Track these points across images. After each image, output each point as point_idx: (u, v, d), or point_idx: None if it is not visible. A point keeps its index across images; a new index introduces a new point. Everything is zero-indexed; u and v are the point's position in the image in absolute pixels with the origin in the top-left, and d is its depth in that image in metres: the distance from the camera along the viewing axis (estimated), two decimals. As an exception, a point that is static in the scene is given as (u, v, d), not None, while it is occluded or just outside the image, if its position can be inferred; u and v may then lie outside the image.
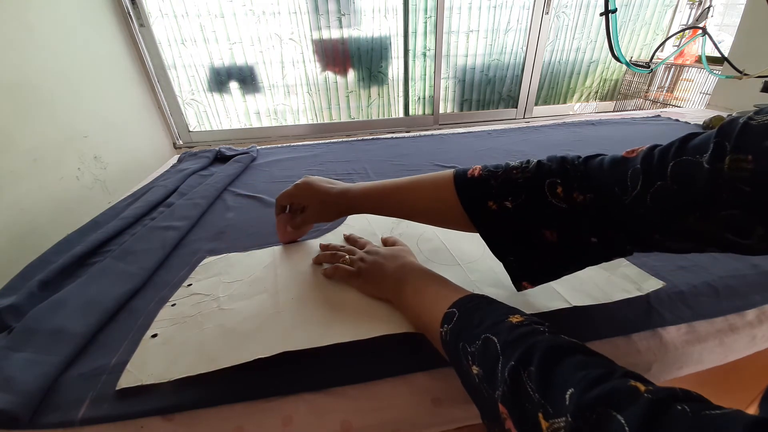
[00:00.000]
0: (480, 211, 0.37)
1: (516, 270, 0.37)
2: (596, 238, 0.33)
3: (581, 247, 0.34)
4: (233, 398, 0.35)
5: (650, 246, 0.31)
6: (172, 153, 1.65)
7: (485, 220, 0.37)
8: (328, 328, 0.39)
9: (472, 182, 0.38)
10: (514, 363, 0.24)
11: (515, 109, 2.01)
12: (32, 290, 0.47)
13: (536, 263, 0.37)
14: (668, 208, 0.27)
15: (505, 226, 0.36)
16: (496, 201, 0.36)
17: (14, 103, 0.87)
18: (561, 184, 0.33)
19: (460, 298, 0.34)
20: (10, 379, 0.34)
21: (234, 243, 0.60)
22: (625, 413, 0.18)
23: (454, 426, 0.37)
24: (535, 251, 0.36)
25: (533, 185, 0.35)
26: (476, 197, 0.37)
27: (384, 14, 1.67)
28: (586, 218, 0.33)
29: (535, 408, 0.22)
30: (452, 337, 0.31)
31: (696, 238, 0.27)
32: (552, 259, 0.36)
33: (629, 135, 1.10)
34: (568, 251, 0.35)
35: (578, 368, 0.22)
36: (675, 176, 0.26)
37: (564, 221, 0.34)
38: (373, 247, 0.49)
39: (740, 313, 0.44)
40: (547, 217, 0.34)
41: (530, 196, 0.35)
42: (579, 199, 0.33)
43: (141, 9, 1.43)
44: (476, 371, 0.27)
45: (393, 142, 1.12)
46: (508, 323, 0.28)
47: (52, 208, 0.93)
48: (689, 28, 1.79)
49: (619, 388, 0.19)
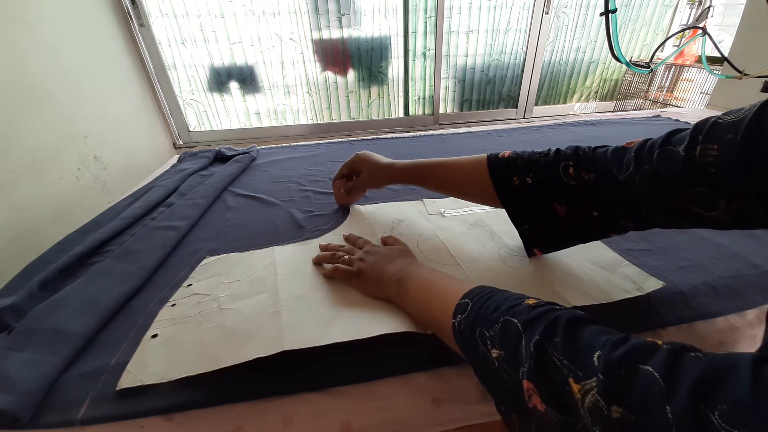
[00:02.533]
0: (505, 185, 0.46)
1: (529, 237, 0.48)
2: (597, 212, 0.40)
3: (585, 220, 0.42)
4: (233, 398, 0.35)
5: (638, 219, 0.38)
6: (172, 153, 1.65)
7: (508, 193, 0.46)
8: (328, 327, 0.39)
9: (502, 161, 0.47)
10: (539, 337, 0.25)
11: (515, 109, 2.01)
12: (32, 290, 0.47)
13: (547, 233, 0.46)
14: (652, 184, 0.34)
15: (524, 199, 0.45)
16: (519, 177, 0.44)
17: (14, 103, 0.87)
18: (573, 166, 0.41)
19: (469, 289, 0.34)
20: (10, 379, 0.34)
21: (234, 243, 0.60)
22: (651, 363, 0.20)
23: (454, 426, 0.37)
24: (547, 222, 0.44)
25: (551, 165, 0.43)
26: (503, 173, 0.46)
27: (384, 14, 1.67)
28: (590, 194, 0.40)
29: (564, 375, 0.23)
30: (467, 326, 0.31)
31: (673, 212, 0.34)
32: (560, 230, 0.44)
33: (629, 135, 1.10)
34: (574, 223, 0.43)
35: (600, 334, 0.24)
36: (659, 161, 0.33)
37: (572, 196, 0.41)
38: (372, 247, 0.49)
39: (740, 313, 0.44)
40: (559, 193, 0.42)
41: (547, 174, 0.43)
42: (585, 178, 0.40)
43: (141, 9, 1.43)
44: (496, 354, 0.28)
45: (393, 142, 1.12)
46: (525, 305, 0.29)
47: (52, 208, 0.93)
48: (689, 28, 1.79)
49: (640, 344, 0.22)
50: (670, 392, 0.19)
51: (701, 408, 0.17)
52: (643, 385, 0.20)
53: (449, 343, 0.34)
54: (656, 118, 1.26)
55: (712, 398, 0.17)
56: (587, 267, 0.48)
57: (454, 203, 0.68)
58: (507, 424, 0.29)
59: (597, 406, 0.21)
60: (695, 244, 0.53)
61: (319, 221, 0.65)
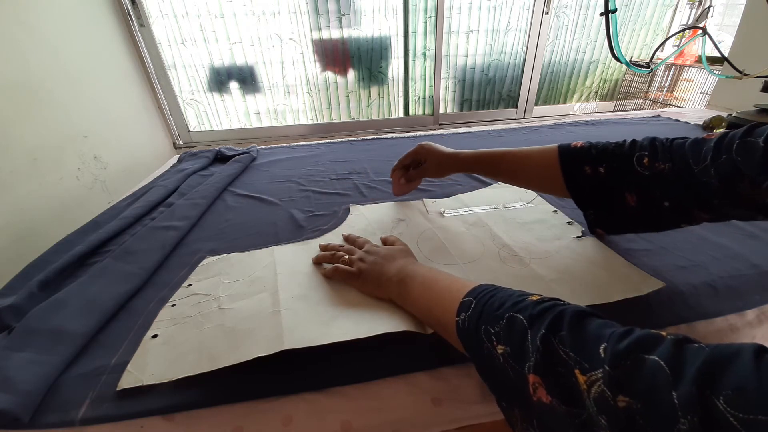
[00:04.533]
0: (575, 174, 0.47)
1: (593, 220, 0.51)
2: (668, 202, 0.41)
3: (655, 210, 0.42)
4: (233, 398, 0.35)
5: (711, 210, 0.39)
6: (172, 153, 1.65)
7: (578, 182, 0.47)
8: (328, 327, 0.39)
9: (574, 150, 0.48)
10: (545, 331, 0.25)
11: (515, 109, 2.01)
12: (32, 290, 0.47)
13: (613, 219, 0.48)
14: (728, 175, 0.34)
15: (594, 188, 0.46)
16: (591, 166, 0.46)
17: (14, 103, 0.87)
18: (648, 156, 0.42)
19: (472, 287, 0.34)
20: (10, 379, 0.34)
21: (234, 243, 0.60)
22: (656, 352, 0.21)
23: (454, 426, 0.37)
24: (615, 210, 0.46)
25: (626, 155, 0.44)
26: (575, 163, 0.47)
27: (384, 14, 1.67)
28: (662, 184, 0.41)
29: (571, 367, 0.23)
30: (471, 323, 0.31)
31: (748, 204, 0.35)
32: (628, 218, 0.46)
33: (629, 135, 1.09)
34: (643, 213, 0.44)
35: (605, 327, 0.24)
36: (738, 151, 0.34)
37: (644, 186, 0.42)
38: (372, 247, 0.49)
39: (740, 313, 0.44)
40: (631, 183, 0.43)
41: (621, 164, 0.44)
42: (660, 168, 0.41)
43: (141, 9, 1.43)
44: (501, 350, 0.28)
45: (393, 142, 1.12)
46: (529, 301, 0.29)
47: (52, 208, 0.93)
48: (689, 28, 1.79)
49: (645, 335, 0.22)
50: (676, 379, 0.19)
51: (707, 393, 0.18)
52: (650, 374, 0.20)
53: (452, 341, 0.34)
54: (656, 118, 1.26)
55: (717, 384, 0.18)
56: (587, 267, 0.48)
57: (454, 203, 0.68)
58: (508, 419, 0.29)
59: (603, 397, 0.21)
60: (695, 244, 0.53)
61: (319, 221, 0.65)
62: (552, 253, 0.51)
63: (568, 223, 0.59)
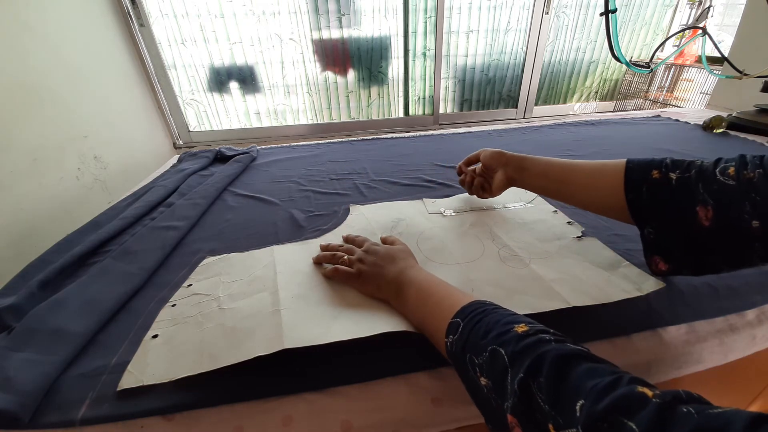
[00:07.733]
0: (637, 179, 0.40)
1: (650, 241, 0.40)
2: (758, 221, 0.31)
3: (739, 231, 0.33)
4: (233, 398, 0.35)
5: None
6: (172, 153, 1.65)
7: (639, 188, 0.40)
8: (328, 326, 0.39)
9: (644, 160, 0.41)
10: (523, 375, 0.24)
11: (515, 109, 2.01)
12: (32, 290, 0.47)
13: (678, 241, 0.37)
14: None
15: (658, 196, 0.38)
16: (661, 171, 0.39)
17: (14, 103, 0.87)
18: (734, 166, 0.34)
19: (462, 307, 0.34)
20: (10, 379, 0.34)
21: (234, 243, 0.60)
22: (636, 419, 0.19)
23: (454, 426, 0.38)
24: (681, 228, 0.37)
25: (706, 166, 0.37)
26: (641, 171, 0.40)
27: (384, 14, 1.67)
28: (750, 196, 0.32)
29: (546, 419, 0.22)
30: (458, 348, 0.31)
31: None
32: (698, 241, 0.36)
33: (629, 135, 1.10)
34: (721, 235, 0.34)
35: (587, 377, 0.22)
36: None
37: (725, 197, 0.34)
38: (371, 246, 0.49)
39: (740, 313, 0.44)
40: (708, 193, 0.35)
41: (700, 172, 0.36)
42: (749, 176, 0.33)
43: (141, 9, 1.43)
44: (485, 383, 0.28)
45: (393, 142, 1.12)
46: (514, 333, 0.28)
47: (52, 208, 0.93)
48: (689, 28, 1.79)
49: (627, 395, 0.20)
50: None
51: None
52: None
53: (443, 356, 0.34)
54: (656, 118, 1.26)
55: None
56: (587, 267, 0.48)
57: (455, 203, 0.68)
58: None
59: None
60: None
61: (319, 221, 0.65)
62: (552, 253, 0.51)
63: (568, 223, 0.59)
